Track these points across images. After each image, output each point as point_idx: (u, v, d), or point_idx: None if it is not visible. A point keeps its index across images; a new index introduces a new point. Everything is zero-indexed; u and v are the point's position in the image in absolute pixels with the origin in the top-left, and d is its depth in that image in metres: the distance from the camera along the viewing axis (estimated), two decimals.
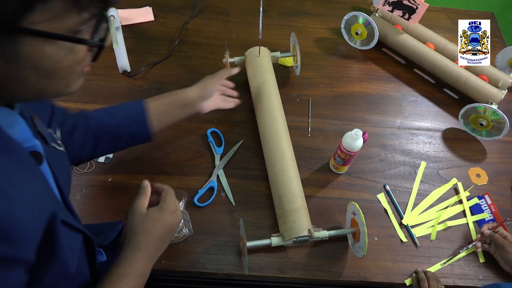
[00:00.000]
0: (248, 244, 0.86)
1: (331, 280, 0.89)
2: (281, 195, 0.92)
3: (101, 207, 0.94)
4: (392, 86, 1.23)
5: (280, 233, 0.89)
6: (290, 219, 0.88)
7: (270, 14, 1.36)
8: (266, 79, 1.08)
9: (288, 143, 0.99)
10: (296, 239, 0.86)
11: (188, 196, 0.95)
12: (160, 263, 0.88)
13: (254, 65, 1.11)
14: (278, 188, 0.93)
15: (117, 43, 1.03)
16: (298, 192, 0.93)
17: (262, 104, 1.04)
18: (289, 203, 0.90)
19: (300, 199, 0.91)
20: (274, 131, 0.99)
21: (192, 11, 1.33)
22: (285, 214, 0.89)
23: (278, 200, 0.92)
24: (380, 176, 1.05)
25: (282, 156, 0.96)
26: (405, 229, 0.97)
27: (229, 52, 1.11)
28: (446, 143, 1.13)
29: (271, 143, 0.98)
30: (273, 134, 0.99)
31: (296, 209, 0.89)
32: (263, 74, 1.09)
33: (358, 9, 1.33)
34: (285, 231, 0.88)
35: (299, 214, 0.89)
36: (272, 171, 0.96)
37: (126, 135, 0.85)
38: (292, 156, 0.98)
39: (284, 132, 1.00)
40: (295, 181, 0.94)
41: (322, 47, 1.29)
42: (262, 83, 1.07)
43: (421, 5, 1.13)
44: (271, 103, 1.04)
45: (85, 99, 1.10)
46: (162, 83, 1.16)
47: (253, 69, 1.11)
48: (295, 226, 0.87)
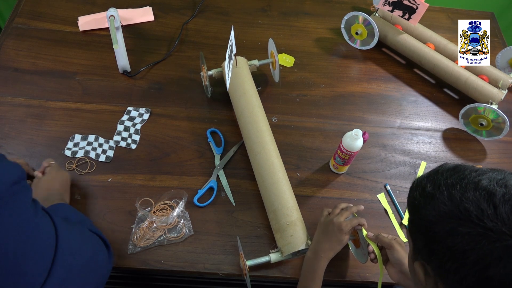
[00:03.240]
0: (249, 263, 0.85)
1: (331, 280, 0.89)
2: (276, 209, 0.90)
3: (101, 207, 0.94)
4: (392, 86, 1.23)
5: (279, 249, 0.88)
6: (287, 233, 0.87)
7: (270, 14, 1.36)
8: (246, 89, 1.04)
9: (277, 154, 0.97)
10: (295, 253, 0.86)
11: (188, 196, 0.95)
12: (160, 263, 0.88)
13: (233, 77, 1.06)
14: (272, 203, 0.91)
15: (117, 43, 1.03)
16: (292, 204, 0.91)
17: (245, 116, 1.01)
18: (284, 217, 0.88)
19: (295, 211, 0.90)
20: (262, 144, 0.96)
21: (192, 11, 1.33)
22: (282, 229, 0.88)
23: (273, 215, 0.90)
24: (380, 176, 1.05)
25: (272, 169, 0.94)
26: (405, 229, 0.97)
27: (205, 65, 1.07)
28: (446, 143, 1.13)
29: (259, 156, 0.95)
30: (260, 148, 0.96)
31: (292, 223, 0.88)
32: (243, 85, 1.05)
33: (358, 9, 1.32)
34: (283, 246, 0.87)
35: (295, 228, 0.88)
36: (264, 186, 0.93)
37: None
38: (282, 167, 0.96)
39: (271, 144, 0.97)
40: (287, 194, 0.92)
41: (322, 47, 1.29)
42: (243, 94, 1.04)
43: (421, 5, 1.13)
44: (254, 115, 1.00)
45: (85, 99, 1.10)
46: (162, 83, 1.16)
47: (233, 80, 1.06)
48: (292, 240, 0.86)
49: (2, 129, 1.03)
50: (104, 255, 0.73)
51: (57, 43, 1.20)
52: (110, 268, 0.75)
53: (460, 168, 0.56)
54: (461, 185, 0.52)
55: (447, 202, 0.52)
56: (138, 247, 0.89)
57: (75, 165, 0.99)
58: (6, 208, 0.54)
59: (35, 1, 1.28)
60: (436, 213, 0.53)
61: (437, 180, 0.56)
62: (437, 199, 0.53)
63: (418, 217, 0.57)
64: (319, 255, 0.82)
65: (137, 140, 1.05)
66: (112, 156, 1.02)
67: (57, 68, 1.15)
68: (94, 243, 0.71)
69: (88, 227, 0.74)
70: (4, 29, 1.22)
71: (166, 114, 1.10)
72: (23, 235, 0.56)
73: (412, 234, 0.60)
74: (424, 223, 0.55)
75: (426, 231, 0.55)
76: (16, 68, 1.14)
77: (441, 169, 0.58)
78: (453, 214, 0.51)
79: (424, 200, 0.56)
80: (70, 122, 1.06)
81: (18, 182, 0.57)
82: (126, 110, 1.09)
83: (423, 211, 0.55)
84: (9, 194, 0.55)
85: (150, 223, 0.91)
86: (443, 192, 0.53)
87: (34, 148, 1.01)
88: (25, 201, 0.58)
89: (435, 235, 0.53)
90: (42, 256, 0.58)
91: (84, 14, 1.26)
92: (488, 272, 0.48)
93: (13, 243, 0.54)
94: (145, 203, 0.95)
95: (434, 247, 0.54)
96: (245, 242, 0.92)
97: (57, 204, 0.83)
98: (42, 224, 0.60)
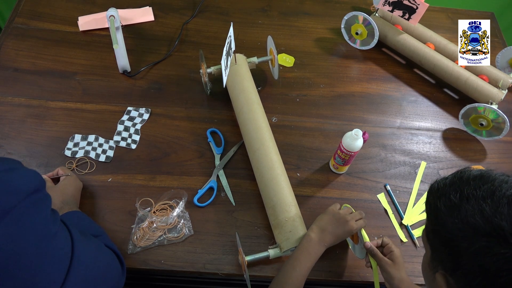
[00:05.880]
0: (247, 259, 0.85)
1: (331, 280, 0.89)
2: (274, 205, 0.90)
3: (101, 207, 0.94)
4: (392, 86, 1.23)
5: (277, 244, 0.88)
6: (285, 229, 0.87)
7: (270, 14, 1.35)
8: (245, 86, 1.05)
9: (275, 150, 0.97)
10: (294, 249, 0.86)
11: (188, 196, 0.95)
12: (160, 263, 0.88)
13: (232, 74, 1.07)
14: (270, 198, 0.91)
15: (117, 43, 1.03)
16: (291, 200, 0.91)
17: (244, 113, 1.01)
18: (283, 212, 0.89)
19: (293, 207, 0.90)
20: (261, 140, 0.97)
21: (192, 11, 1.33)
22: (280, 225, 0.88)
23: (272, 210, 0.91)
24: (380, 176, 1.05)
25: (271, 165, 0.94)
26: (405, 229, 0.97)
27: (204, 63, 1.07)
28: (446, 143, 1.13)
29: (258, 153, 0.96)
30: (259, 144, 0.96)
31: (291, 218, 0.88)
32: (242, 82, 1.06)
33: (358, 9, 1.32)
34: (282, 242, 0.87)
35: (294, 223, 0.88)
36: (263, 182, 0.94)
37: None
38: (281, 164, 0.96)
39: (270, 140, 0.98)
40: (286, 190, 0.92)
41: (322, 47, 1.29)
42: (242, 91, 1.04)
43: (421, 5, 1.13)
44: (253, 112, 1.01)
45: (85, 99, 1.10)
46: (162, 83, 1.16)
47: (231, 78, 1.07)
48: (291, 236, 0.86)
49: (2, 129, 1.03)
50: (117, 271, 0.73)
51: (57, 43, 1.20)
52: (122, 284, 0.75)
53: (488, 178, 0.52)
54: (493, 199, 0.49)
55: (477, 216, 0.48)
56: (138, 247, 0.89)
57: (75, 165, 0.99)
58: (25, 219, 0.53)
59: (35, 1, 1.28)
60: (463, 226, 0.50)
61: (463, 189, 0.52)
62: (464, 211, 0.50)
63: (441, 228, 0.53)
64: (322, 242, 0.83)
65: (137, 140, 1.05)
66: (112, 156, 1.02)
67: (57, 68, 1.15)
68: (109, 258, 0.71)
69: (104, 241, 0.74)
70: (4, 29, 1.22)
71: (166, 114, 1.10)
72: (40, 246, 0.55)
73: (432, 243, 0.57)
74: (448, 235, 0.52)
75: (451, 244, 0.51)
76: (16, 68, 1.14)
77: (465, 176, 0.54)
78: (484, 230, 0.48)
79: (448, 211, 0.52)
80: (70, 122, 1.06)
81: (37, 191, 0.56)
82: (126, 110, 1.09)
83: (447, 223, 0.52)
84: (28, 203, 0.54)
85: (150, 223, 0.91)
86: (471, 204, 0.50)
87: (34, 148, 1.01)
88: (45, 211, 0.57)
89: (463, 251, 0.50)
90: (57, 268, 0.58)
91: (84, 14, 1.26)
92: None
93: (30, 254, 0.54)
94: (145, 203, 0.95)
95: (461, 261, 0.51)
96: (245, 242, 0.92)
97: (74, 212, 0.83)
98: (60, 236, 0.59)
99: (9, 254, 0.52)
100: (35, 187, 0.56)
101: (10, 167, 0.56)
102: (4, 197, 0.52)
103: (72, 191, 0.89)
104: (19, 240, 0.53)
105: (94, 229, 0.80)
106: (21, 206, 0.53)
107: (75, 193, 0.91)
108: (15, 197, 0.53)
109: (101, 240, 0.73)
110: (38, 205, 0.56)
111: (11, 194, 0.53)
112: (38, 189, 0.57)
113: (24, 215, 0.53)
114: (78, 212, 0.85)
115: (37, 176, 0.58)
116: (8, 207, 0.52)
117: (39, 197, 0.57)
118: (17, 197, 0.53)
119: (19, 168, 0.57)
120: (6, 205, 0.52)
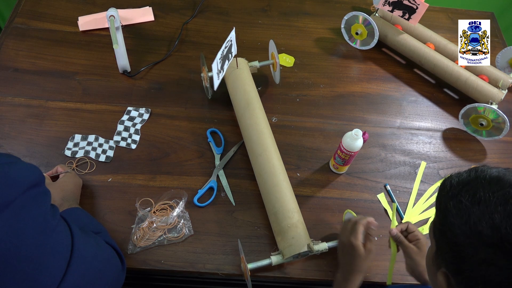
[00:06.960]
0: (250, 266, 0.84)
1: (331, 280, 0.89)
2: (277, 212, 0.89)
3: (101, 207, 0.94)
4: (392, 86, 1.23)
5: (280, 251, 0.87)
6: (288, 236, 0.86)
7: (270, 14, 1.36)
8: (247, 91, 1.04)
9: (277, 156, 0.96)
10: (297, 255, 0.86)
11: (188, 196, 0.95)
12: (160, 263, 0.88)
13: (234, 78, 1.06)
14: (273, 205, 0.90)
15: (117, 43, 1.03)
16: (294, 206, 0.90)
17: (245, 118, 1.01)
18: (286, 219, 0.88)
19: (296, 213, 0.90)
20: (263, 146, 0.96)
21: (192, 11, 1.33)
22: (283, 231, 0.87)
23: (274, 217, 0.90)
24: (380, 176, 1.05)
25: (273, 171, 0.93)
26: None
27: (206, 67, 1.06)
28: (446, 143, 1.13)
29: (260, 158, 0.95)
30: (261, 150, 0.95)
31: (293, 225, 0.87)
32: (244, 86, 1.05)
33: (358, 9, 1.33)
34: (284, 248, 0.86)
35: (296, 230, 0.87)
36: (265, 188, 0.93)
37: None
38: (283, 169, 0.95)
39: (272, 146, 0.97)
40: (288, 196, 0.91)
41: (322, 47, 1.29)
42: (243, 96, 1.03)
43: (421, 5, 1.13)
44: (255, 117, 1.00)
45: (85, 99, 1.10)
46: (162, 83, 1.16)
47: (233, 82, 1.06)
48: (294, 242, 0.86)
49: (2, 129, 1.03)
50: (117, 267, 0.72)
51: (57, 43, 1.20)
52: (122, 281, 0.74)
53: (505, 183, 0.49)
54: (506, 207, 0.46)
55: (484, 224, 0.47)
56: (138, 247, 0.89)
57: (75, 165, 0.99)
58: (24, 212, 0.53)
59: (35, 1, 1.28)
60: (471, 233, 0.48)
61: (477, 191, 0.49)
62: (474, 216, 0.48)
63: (448, 230, 0.51)
64: (348, 275, 0.80)
65: (137, 140, 1.05)
66: (112, 156, 1.02)
67: (57, 68, 1.15)
68: (109, 255, 0.71)
69: (104, 238, 0.74)
70: (4, 29, 1.22)
71: (166, 114, 1.10)
72: (40, 239, 0.55)
73: (438, 240, 0.56)
74: (455, 239, 0.50)
75: (456, 248, 0.50)
76: (16, 68, 1.14)
77: (482, 175, 0.51)
78: (490, 241, 0.46)
79: (457, 214, 0.50)
80: (70, 122, 1.06)
81: (37, 185, 0.56)
82: (126, 110, 1.09)
83: (455, 226, 0.50)
84: (27, 197, 0.54)
85: (150, 223, 0.91)
86: (482, 210, 0.48)
87: (34, 148, 1.01)
88: (44, 205, 0.57)
89: (467, 257, 0.49)
90: (57, 262, 0.58)
91: (84, 14, 1.26)
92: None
93: (30, 247, 0.54)
94: (145, 203, 0.95)
95: (464, 267, 0.50)
96: (245, 242, 0.92)
97: (74, 208, 0.83)
98: (59, 231, 0.59)
99: (9, 247, 0.52)
100: (35, 181, 0.56)
101: (9, 161, 0.56)
102: (4, 190, 0.52)
103: (72, 188, 0.90)
104: (19, 233, 0.53)
105: (94, 226, 0.80)
106: (21, 199, 0.53)
107: (75, 190, 0.91)
108: (15, 190, 0.53)
109: (101, 237, 0.74)
110: (38, 199, 0.56)
111: (11, 187, 0.53)
112: (38, 183, 0.57)
113: (24, 208, 0.53)
114: (78, 208, 0.85)
115: (37, 171, 0.58)
116: (8, 200, 0.52)
117: (38, 191, 0.57)
118: (17, 190, 0.53)
119: (19, 162, 0.57)
120: (6, 198, 0.52)
